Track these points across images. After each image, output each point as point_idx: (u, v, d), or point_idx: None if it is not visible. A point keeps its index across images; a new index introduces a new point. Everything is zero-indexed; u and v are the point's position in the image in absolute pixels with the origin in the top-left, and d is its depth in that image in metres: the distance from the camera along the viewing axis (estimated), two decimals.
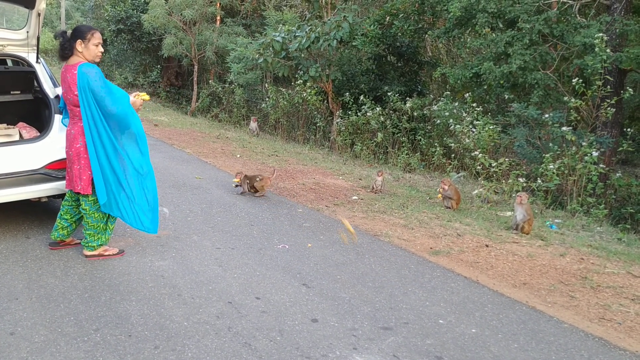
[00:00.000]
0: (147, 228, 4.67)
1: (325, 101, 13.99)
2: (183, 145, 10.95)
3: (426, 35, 13.34)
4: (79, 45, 4.28)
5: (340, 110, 13.33)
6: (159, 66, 22.78)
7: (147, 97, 4.72)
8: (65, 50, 4.29)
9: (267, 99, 15.74)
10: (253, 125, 14.39)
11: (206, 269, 4.56)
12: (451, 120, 10.19)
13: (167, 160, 9.07)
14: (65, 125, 4.67)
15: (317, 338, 3.52)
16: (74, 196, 4.68)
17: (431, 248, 5.42)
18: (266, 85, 16.74)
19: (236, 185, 7.24)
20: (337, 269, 4.72)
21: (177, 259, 4.75)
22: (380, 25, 13.11)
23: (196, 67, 19.42)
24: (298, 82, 13.71)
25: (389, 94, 12.27)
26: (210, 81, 19.79)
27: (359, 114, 12.43)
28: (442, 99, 11.21)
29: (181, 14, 17.99)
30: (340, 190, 7.77)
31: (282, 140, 14.06)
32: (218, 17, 19.86)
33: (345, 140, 12.67)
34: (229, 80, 18.00)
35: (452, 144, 9.99)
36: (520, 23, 9.53)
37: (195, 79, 19.72)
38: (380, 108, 12.17)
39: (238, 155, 10.00)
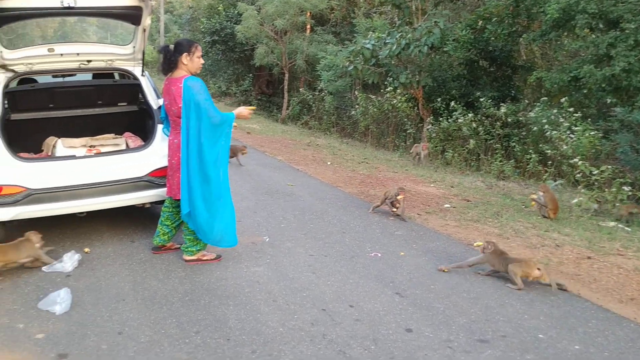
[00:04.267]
0: (220, 242, 4.82)
1: (416, 108, 13.86)
2: (275, 152, 11.18)
3: (520, 39, 12.93)
4: (185, 59, 4.47)
5: (431, 117, 13.16)
6: (250, 75, 23.38)
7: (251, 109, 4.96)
8: (171, 64, 4.49)
9: (356, 106, 15.79)
10: (422, 152, 11.30)
11: (300, 275, 4.63)
12: (547, 126, 9.79)
13: (259, 167, 9.28)
14: (167, 135, 4.90)
15: (411, 348, 3.49)
16: (174, 203, 4.89)
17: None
18: (356, 92, 16.80)
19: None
20: (430, 278, 4.66)
21: (271, 265, 4.86)
22: (472, 29, 12.84)
23: (287, 75, 19.78)
24: (388, 89, 13.67)
25: (481, 99, 11.97)
26: (300, 89, 20.10)
27: (450, 120, 12.22)
28: (537, 104, 10.79)
29: (273, 24, 18.42)
30: (431, 197, 7.66)
31: (372, 148, 14.05)
32: (308, 26, 20.16)
33: (436, 147, 12.49)
34: (318, 88, 18.21)
35: (549, 151, 9.61)
36: (623, 23, 9.06)
37: (285, 87, 20.09)
38: (472, 114, 11.90)
39: (329, 163, 10.09)
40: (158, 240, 5.02)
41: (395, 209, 6.41)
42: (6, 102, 5.35)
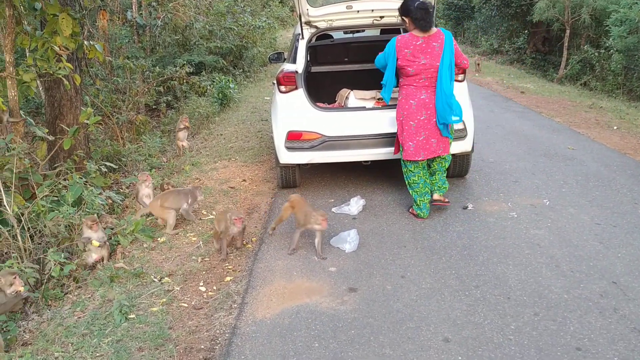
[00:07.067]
0: None
1: None
2: (552, 113, 10.51)
3: None
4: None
5: None
6: (525, 32, 22.18)
7: None
8: (432, 22, 4.57)
9: None
10: None
11: (585, 243, 4.35)
12: None
13: (536, 129, 8.83)
14: (386, 99, 5.04)
15: None
16: (422, 165, 4.93)
17: None
18: None
19: None
20: None
21: (552, 229, 4.64)
22: None
23: (567, 31, 18.31)
24: None
25: None
26: (584, 47, 18.44)
27: None
28: None
29: None
30: None
31: None
32: None
33: None
34: (604, 45, 16.52)
35: None
36: None
37: (565, 44, 18.63)
38: None
39: (615, 127, 9.18)
40: (425, 213, 4.98)
41: None
42: (308, 56, 5.86)
